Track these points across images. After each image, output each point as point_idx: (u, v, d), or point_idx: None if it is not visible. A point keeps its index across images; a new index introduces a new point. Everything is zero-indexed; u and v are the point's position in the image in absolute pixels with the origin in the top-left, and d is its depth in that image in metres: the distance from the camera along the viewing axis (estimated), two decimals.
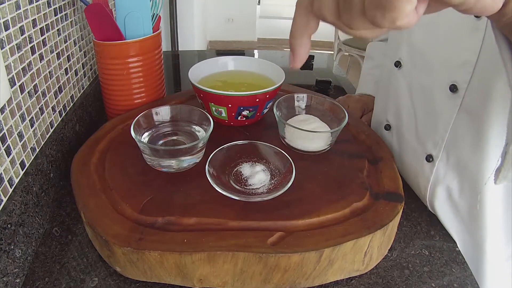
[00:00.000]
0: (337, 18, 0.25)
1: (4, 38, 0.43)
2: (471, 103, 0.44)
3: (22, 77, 0.47)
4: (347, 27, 0.25)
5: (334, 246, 0.40)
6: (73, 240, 0.48)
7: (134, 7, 0.60)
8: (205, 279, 0.41)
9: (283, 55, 1.21)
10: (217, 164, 0.48)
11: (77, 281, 0.42)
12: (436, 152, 0.49)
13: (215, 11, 3.63)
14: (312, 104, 0.60)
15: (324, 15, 0.25)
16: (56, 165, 0.55)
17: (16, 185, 0.44)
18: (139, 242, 0.40)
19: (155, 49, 0.65)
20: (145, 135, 0.53)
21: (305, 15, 0.27)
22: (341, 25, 0.25)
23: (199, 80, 0.62)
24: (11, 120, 0.44)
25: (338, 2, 0.24)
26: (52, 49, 0.56)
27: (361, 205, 0.46)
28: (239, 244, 0.40)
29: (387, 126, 0.61)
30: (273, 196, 0.44)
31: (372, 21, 0.23)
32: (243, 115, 0.58)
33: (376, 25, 0.23)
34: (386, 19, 0.22)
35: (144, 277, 0.42)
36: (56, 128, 0.57)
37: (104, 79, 0.64)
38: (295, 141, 0.55)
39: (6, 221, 0.40)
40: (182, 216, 0.43)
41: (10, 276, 0.40)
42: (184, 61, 1.14)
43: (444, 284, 0.44)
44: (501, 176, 0.34)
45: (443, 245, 0.50)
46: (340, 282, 0.44)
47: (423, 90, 0.50)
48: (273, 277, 0.41)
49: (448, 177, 0.49)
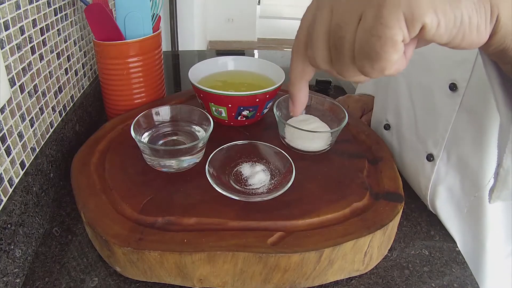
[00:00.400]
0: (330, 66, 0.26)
1: (4, 38, 0.43)
2: (471, 102, 0.44)
3: (22, 77, 0.47)
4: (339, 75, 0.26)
5: (334, 246, 0.40)
6: (73, 240, 0.48)
7: (134, 7, 0.60)
8: (205, 279, 0.41)
9: (283, 55, 1.21)
10: (217, 164, 0.48)
11: (77, 281, 0.42)
12: (437, 151, 0.49)
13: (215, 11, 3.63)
14: (312, 104, 0.60)
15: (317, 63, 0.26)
16: (56, 165, 0.55)
17: (16, 185, 0.44)
18: (139, 242, 0.40)
19: (155, 49, 0.65)
20: (145, 135, 0.53)
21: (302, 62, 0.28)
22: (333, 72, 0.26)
23: (199, 80, 0.62)
24: (11, 120, 0.44)
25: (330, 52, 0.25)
26: (52, 49, 0.56)
27: (361, 205, 0.46)
28: (239, 244, 0.40)
29: (387, 126, 0.60)
30: (273, 196, 0.44)
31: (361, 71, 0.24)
32: (243, 115, 0.58)
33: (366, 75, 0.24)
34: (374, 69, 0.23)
35: (144, 277, 0.42)
36: (56, 128, 0.57)
37: (104, 79, 0.64)
38: (295, 141, 0.55)
39: (6, 221, 0.40)
40: (182, 216, 0.43)
41: (10, 276, 0.40)
42: (184, 61, 1.14)
43: (444, 284, 0.44)
44: (494, 196, 0.34)
45: (443, 245, 0.50)
46: (340, 282, 0.44)
47: (422, 89, 0.50)
48: (273, 277, 0.41)
49: (449, 176, 0.49)
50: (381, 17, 0.21)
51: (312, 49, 0.26)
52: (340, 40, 0.24)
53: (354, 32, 0.23)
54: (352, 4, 0.23)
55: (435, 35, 0.22)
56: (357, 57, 0.23)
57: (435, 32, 0.22)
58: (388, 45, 0.22)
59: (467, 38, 0.23)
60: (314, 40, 0.26)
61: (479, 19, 0.22)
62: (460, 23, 0.22)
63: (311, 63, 0.27)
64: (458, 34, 0.23)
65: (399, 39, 0.22)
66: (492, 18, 0.23)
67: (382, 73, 0.23)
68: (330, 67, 0.26)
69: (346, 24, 0.23)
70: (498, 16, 0.23)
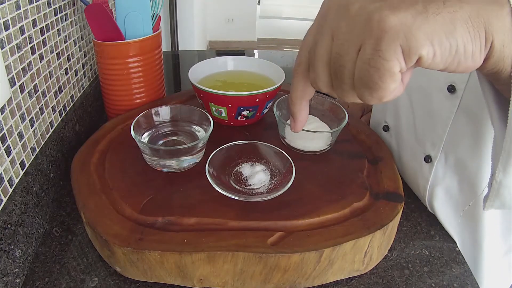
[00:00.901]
0: (331, 90, 0.27)
1: (4, 38, 0.43)
2: (469, 104, 0.44)
3: (22, 77, 0.47)
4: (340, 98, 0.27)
5: (334, 246, 0.40)
6: (73, 240, 0.48)
7: (134, 7, 0.60)
8: (205, 279, 0.41)
9: (283, 55, 1.21)
10: (217, 164, 0.48)
11: (77, 281, 0.42)
12: (435, 152, 0.49)
13: (215, 11, 3.63)
14: (312, 104, 0.60)
15: (319, 87, 0.28)
16: (56, 165, 0.55)
17: (16, 185, 0.44)
18: (139, 242, 0.40)
19: (155, 49, 0.65)
20: (145, 135, 0.53)
21: (303, 82, 0.29)
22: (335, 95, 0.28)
23: (199, 80, 0.62)
24: (11, 120, 0.44)
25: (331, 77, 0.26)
26: (52, 49, 0.56)
27: (361, 205, 0.46)
28: (239, 244, 0.40)
29: (386, 127, 0.61)
30: (273, 196, 0.44)
31: (361, 98, 0.25)
32: (243, 115, 0.58)
33: (365, 102, 0.25)
34: (373, 98, 0.24)
35: (144, 277, 0.42)
36: (56, 128, 0.57)
37: (104, 79, 0.64)
38: (295, 141, 0.55)
39: (6, 221, 0.40)
40: (182, 216, 0.43)
41: (10, 276, 0.40)
42: (184, 61, 1.14)
43: (444, 284, 0.44)
44: (487, 205, 0.34)
45: (443, 245, 0.50)
46: (340, 282, 0.44)
47: (421, 90, 0.50)
48: (273, 277, 0.41)
49: (447, 177, 0.49)
50: (379, 49, 0.22)
51: (314, 74, 0.27)
52: (340, 69, 0.25)
53: (354, 62, 0.24)
54: (352, 34, 0.24)
55: (431, 64, 0.23)
56: (356, 85, 0.24)
57: (431, 62, 0.23)
58: (385, 76, 0.23)
59: (462, 64, 0.24)
60: (316, 66, 0.27)
61: (474, 47, 0.23)
62: (455, 51, 0.23)
63: (313, 85, 0.28)
64: (453, 62, 0.23)
65: (396, 70, 0.23)
66: (487, 44, 0.23)
67: (380, 101, 0.24)
68: (331, 91, 0.27)
69: (346, 54, 0.24)
70: (493, 43, 0.23)
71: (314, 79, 0.27)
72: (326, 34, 0.26)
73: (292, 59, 1.22)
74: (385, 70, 0.22)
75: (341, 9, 0.25)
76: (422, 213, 0.54)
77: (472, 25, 0.23)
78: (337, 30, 0.25)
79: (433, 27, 0.22)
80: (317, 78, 0.27)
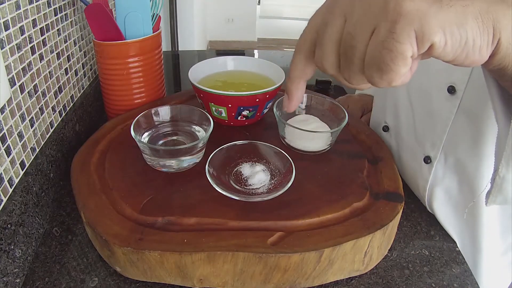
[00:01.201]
0: (337, 72, 0.27)
1: (4, 38, 0.43)
2: (469, 105, 0.44)
3: (22, 77, 0.47)
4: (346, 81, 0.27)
5: (334, 246, 0.40)
6: (73, 240, 0.48)
7: (134, 7, 0.60)
8: (205, 279, 0.41)
9: (283, 55, 1.21)
10: (217, 164, 0.48)
11: (77, 281, 0.42)
12: (434, 153, 0.49)
13: (215, 11, 3.63)
14: (312, 104, 0.61)
15: (325, 68, 0.27)
16: (56, 165, 0.55)
17: (16, 185, 0.44)
18: (139, 242, 0.40)
19: (155, 49, 0.65)
20: (145, 135, 0.53)
21: (304, 61, 0.29)
22: (340, 78, 0.27)
23: (199, 80, 0.62)
24: (11, 120, 0.44)
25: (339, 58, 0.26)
26: (52, 49, 0.56)
27: (361, 205, 0.46)
28: (239, 244, 0.40)
29: (386, 128, 0.61)
30: (273, 196, 0.44)
31: (370, 80, 0.25)
32: (243, 115, 0.58)
33: (373, 84, 0.25)
34: (383, 80, 0.24)
35: (144, 277, 0.42)
36: (56, 128, 0.57)
37: (104, 79, 0.64)
38: (295, 141, 0.55)
39: (6, 221, 0.40)
40: (182, 216, 0.43)
41: (10, 276, 0.40)
42: (184, 61, 1.14)
43: (444, 284, 0.44)
44: (490, 200, 0.35)
45: (443, 245, 0.50)
46: (340, 282, 0.44)
47: (421, 91, 0.51)
48: (273, 277, 0.41)
49: (446, 178, 0.49)
50: (394, 32, 0.23)
51: (321, 53, 0.27)
52: (351, 49, 0.25)
53: (366, 43, 0.24)
54: (367, 15, 0.24)
55: (441, 53, 0.24)
56: (366, 67, 0.24)
57: (442, 51, 0.24)
58: (398, 59, 0.23)
59: (470, 57, 0.24)
60: (324, 45, 0.26)
61: (482, 41, 0.24)
62: (465, 43, 0.24)
63: (318, 66, 0.28)
64: (462, 53, 0.24)
65: (408, 54, 0.23)
66: (494, 41, 0.24)
67: (389, 84, 0.24)
68: (337, 73, 0.27)
69: (359, 34, 0.24)
70: (500, 40, 0.24)
71: (320, 59, 0.27)
72: (338, 15, 0.26)
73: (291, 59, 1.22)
74: (398, 53, 0.23)
75: None
76: (422, 213, 0.54)
77: (482, 20, 0.23)
78: (350, 11, 0.25)
79: (447, 17, 0.23)
80: (323, 58, 0.27)
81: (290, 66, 0.30)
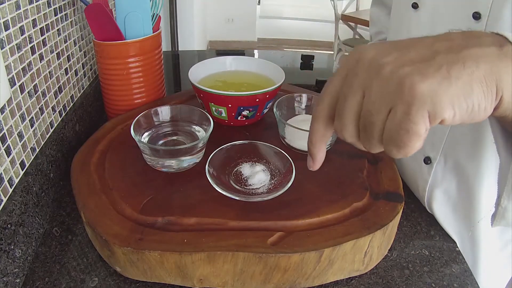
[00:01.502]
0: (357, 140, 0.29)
1: (4, 38, 0.43)
2: None
3: (22, 77, 0.47)
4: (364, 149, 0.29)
5: (334, 246, 0.40)
6: (73, 240, 0.48)
7: (134, 7, 0.60)
8: (205, 279, 0.41)
9: (283, 55, 1.21)
10: (217, 164, 0.48)
11: (77, 281, 0.42)
12: (434, 154, 0.50)
13: (215, 11, 3.63)
14: (312, 104, 0.60)
15: (345, 137, 0.29)
16: (56, 165, 0.55)
17: (16, 185, 0.44)
18: (139, 242, 0.40)
19: (155, 49, 0.65)
20: (145, 135, 0.53)
21: (324, 126, 0.31)
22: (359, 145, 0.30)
23: (199, 80, 0.62)
24: (11, 120, 0.44)
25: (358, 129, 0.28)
26: (52, 49, 0.56)
27: (361, 205, 0.46)
28: (239, 244, 0.40)
29: None
30: (273, 196, 0.44)
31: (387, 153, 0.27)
32: (243, 115, 0.58)
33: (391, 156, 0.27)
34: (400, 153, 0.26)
35: (144, 277, 0.42)
36: (56, 128, 0.57)
37: (104, 79, 0.64)
38: (295, 141, 0.55)
39: (6, 221, 0.40)
40: (182, 216, 0.43)
41: (10, 276, 0.40)
42: (184, 61, 1.14)
43: (444, 284, 0.44)
44: (495, 223, 0.37)
45: (443, 245, 0.50)
46: (340, 282, 0.44)
47: None
48: (273, 277, 0.41)
49: (446, 179, 0.50)
50: (409, 113, 0.24)
51: (341, 124, 0.29)
52: (371, 125, 0.27)
53: (384, 121, 0.26)
54: (384, 95, 0.26)
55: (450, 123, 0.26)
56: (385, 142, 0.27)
57: (451, 122, 0.26)
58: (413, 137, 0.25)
59: (475, 118, 0.26)
60: (344, 118, 0.28)
61: (486, 103, 0.25)
62: (471, 110, 0.25)
63: (338, 134, 0.30)
64: (468, 118, 0.26)
65: (422, 132, 0.25)
66: (497, 98, 0.26)
67: (405, 156, 0.26)
68: (356, 141, 0.29)
69: (378, 113, 0.26)
70: (502, 96, 0.25)
71: (340, 129, 0.29)
72: (357, 89, 0.27)
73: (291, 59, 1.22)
74: (414, 132, 0.25)
75: (372, 68, 0.27)
76: (422, 213, 0.54)
77: (486, 84, 0.25)
78: (369, 88, 0.27)
79: (455, 91, 0.24)
80: (343, 129, 0.29)
81: (309, 131, 0.32)
